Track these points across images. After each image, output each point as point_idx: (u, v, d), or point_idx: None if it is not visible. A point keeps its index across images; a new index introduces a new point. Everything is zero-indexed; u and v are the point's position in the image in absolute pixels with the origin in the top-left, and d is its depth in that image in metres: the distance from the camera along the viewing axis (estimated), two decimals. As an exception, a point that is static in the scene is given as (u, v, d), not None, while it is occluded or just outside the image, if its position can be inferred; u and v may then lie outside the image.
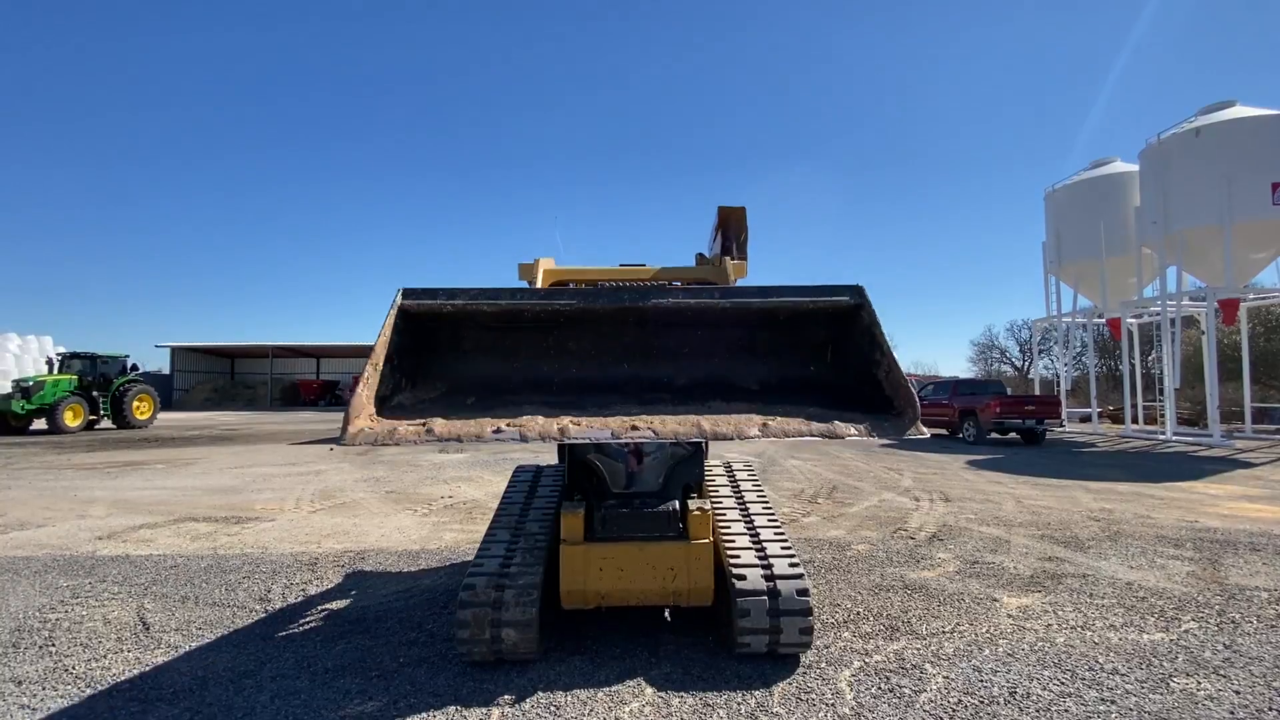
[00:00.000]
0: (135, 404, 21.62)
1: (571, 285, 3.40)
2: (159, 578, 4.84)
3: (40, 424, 19.76)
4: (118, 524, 6.76)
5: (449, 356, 2.67)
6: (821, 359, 2.60)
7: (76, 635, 3.73)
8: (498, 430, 2.07)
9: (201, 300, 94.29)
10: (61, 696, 2.98)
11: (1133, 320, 20.28)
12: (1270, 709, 2.80)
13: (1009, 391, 18.71)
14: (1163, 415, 18.11)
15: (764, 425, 2.09)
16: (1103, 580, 4.67)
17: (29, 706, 2.88)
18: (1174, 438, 16.82)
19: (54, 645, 3.58)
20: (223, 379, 47.00)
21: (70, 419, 19.73)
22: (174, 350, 43.32)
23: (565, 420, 2.08)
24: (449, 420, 2.15)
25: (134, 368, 22.79)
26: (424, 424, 2.12)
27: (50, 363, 21.57)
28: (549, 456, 6.33)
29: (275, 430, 21.03)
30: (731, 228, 3.26)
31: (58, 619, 3.99)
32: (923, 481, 9.60)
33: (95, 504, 7.92)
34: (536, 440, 2.03)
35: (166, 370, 42.37)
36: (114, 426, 21.27)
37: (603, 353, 2.68)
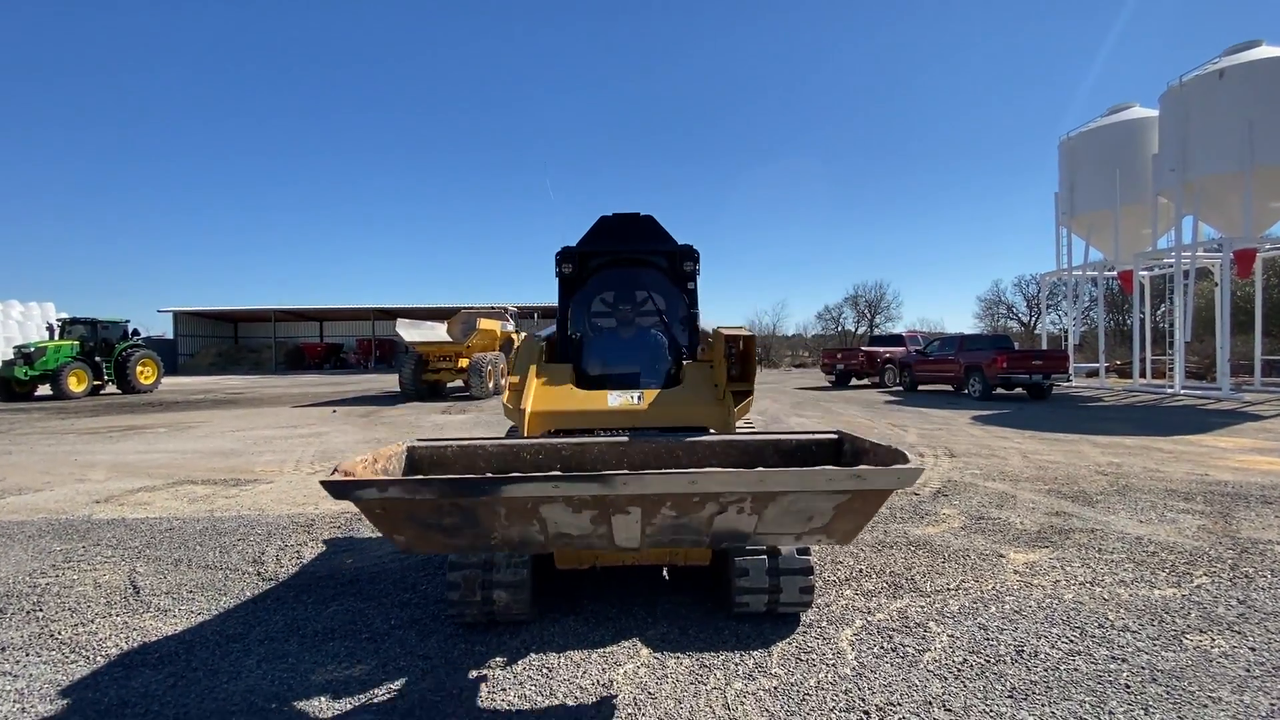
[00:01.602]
0: (139, 369, 21.60)
1: (559, 432, 3.29)
2: (153, 541, 4.79)
3: (45, 390, 19.80)
4: (116, 487, 6.73)
5: None
6: None
7: (65, 600, 3.68)
8: (489, 475, 2.03)
9: (203, 265, 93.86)
10: (45, 663, 2.93)
11: (1144, 273, 19.84)
12: (1289, 666, 2.70)
13: (1015, 346, 18.45)
14: (1171, 369, 17.89)
15: (760, 480, 1.91)
16: (1111, 535, 4.57)
17: (10, 673, 2.83)
18: (1182, 391, 16.63)
19: (41, 610, 3.53)
20: (227, 343, 46.99)
21: (74, 384, 19.73)
22: (176, 315, 43.19)
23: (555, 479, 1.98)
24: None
25: (135, 332, 22.68)
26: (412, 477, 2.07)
27: (51, 328, 21.46)
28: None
29: (279, 394, 21.04)
30: (736, 354, 3.11)
31: (48, 584, 3.94)
32: (928, 437, 9.49)
33: (95, 468, 7.90)
34: (530, 490, 1.92)
35: (170, 335, 42.36)
36: (118, 392, 21.31)
37: None
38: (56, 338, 20.87)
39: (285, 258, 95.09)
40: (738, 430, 3.24)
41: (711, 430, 3.10)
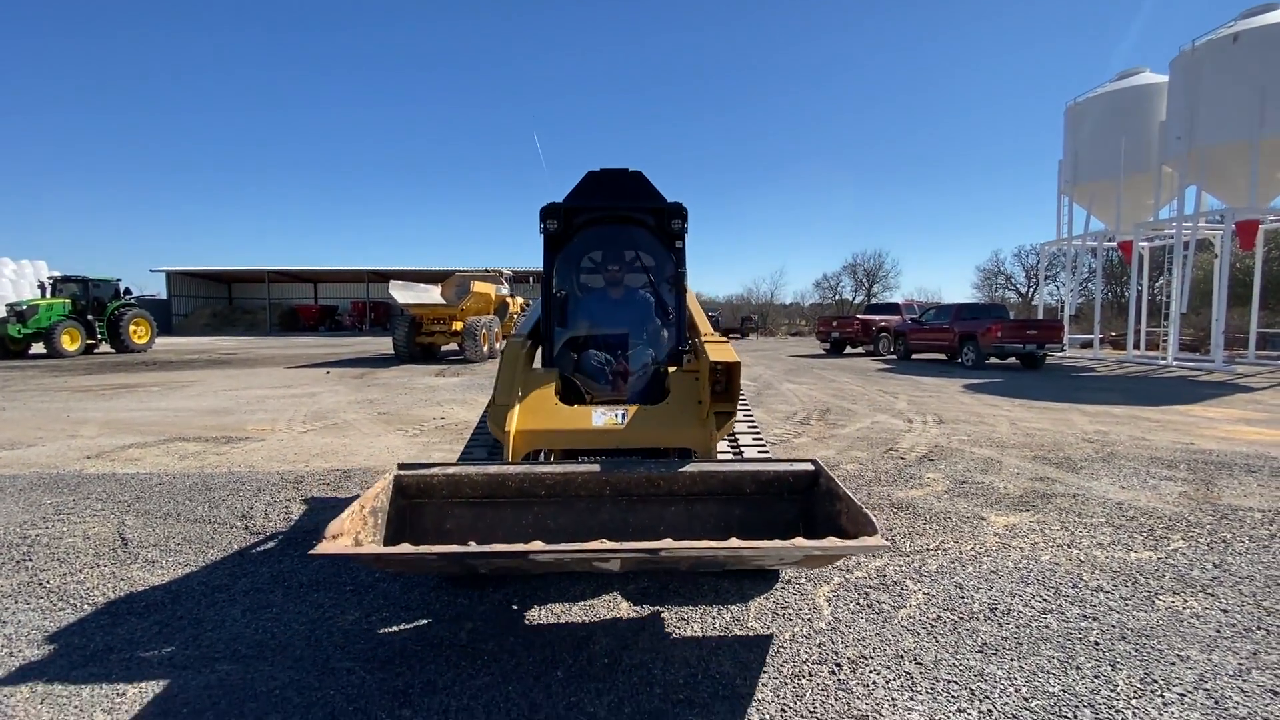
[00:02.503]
0: (132, 328, 21.48)
1: (544, 453, 3.31)
2: (142, 495, 4.81)
3: (39, 348, 19.71)
4: (107, 444, 6.74)
5: (431, 538, 2.78)
6: (794, 533, 2.66)
7: (54, 551, 3.71)
8: (467, 544, 2.05)
9: (194, 225, 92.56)
10: (33, 610, 2.96)
11: (1144, 244, 19.70)
12: (1258, 628, 2.75)
13: (1011, 316, 18.43)
14: (1165, 340, 17.91)
15: (729, 544, 2.06)
16: (1093, 500, 4.62)
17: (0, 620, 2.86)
18: (1174, 363, 16.69)
19: (30, 560, 3.56)
20: (221, 304, 46.72)
21: (68, 343, 19.63)
22: (170, 275, 42.80)
23: (537, 543, 2.04)
24: (419, 548, 2.09)
25: (127, 291, 22.46)
26: (395, 548, 2.10)
27: (43, 286, 21.24)
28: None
29: (273, 355, 20.99)
30: (722, 377, 3.06)
31: (37, 535, 3.97)
32: (917, 404, 9.53)
33: (87, 424, 7.90)
34: (504, 556, 2.02)
35: (163, 295, 42.04)
36: (112, 351, 21.23)
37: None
38: (49, 296, 20.68)
39: (278, 218, 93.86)
40: (718, 455, 3.25)
41: (694, 452, 3.10)
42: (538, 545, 1.98)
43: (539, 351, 3.77)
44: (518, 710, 2.18)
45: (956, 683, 2.33)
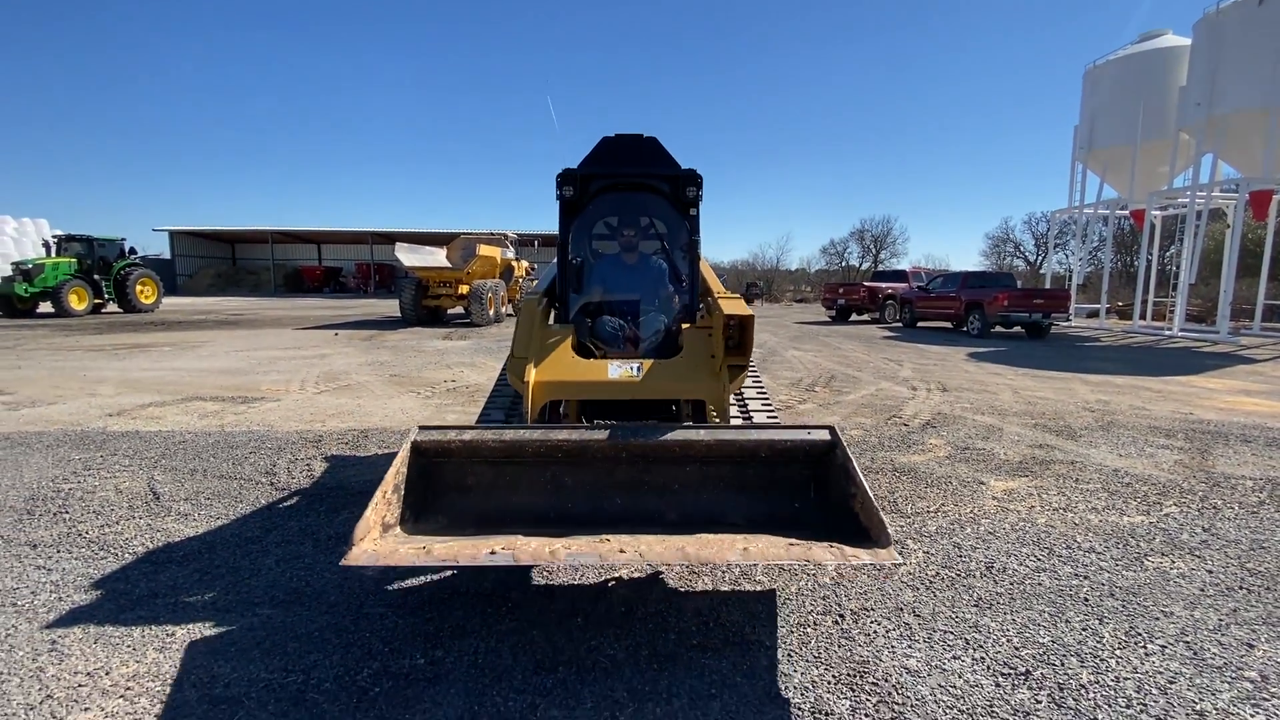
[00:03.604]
0: (138, 288, 21.55)
1: (562, 404, 3.40)
2: (168, 452, 4.97)
3: (46, 307, 19.84)
4: (126, 402, 6.90)
5: (453, 494, 2.85)
6: (805, 495, 2.79)
7: (89, 504, 3.87)
8: (492, 552, 2.16)
9: (196, 183, 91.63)
10: (76, 559, 3.12)
11: (1157, 212, 19.48)
12: (1240, 587, 2.89)
13: (1019, 285, 18.37)
14: (1172, 311, 17.87)
15: (744, 550, 2.21)
16: (1090, 467, 4.75)
17: (44, 567, 3.03)
18: (1180, 334, 16.69)
19: (67, 512, 3.72)
20: (224, 264, 46.57)
21: (75, 302, 19.74)
22: (172, 234, 42.58)
23: (558, 544, 2.19)
24: (447, 542, 2.28)
25: (132, 251, 22.45)
26: (424, 547, 2.24)
27: (47, 245, 21.24)
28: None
29: (280, 316, 21.10)
30: (736, 330, 3.10)
31: (70, 489, 4.13)
32: (922, 372, 9.63)
33: (104, 383, 8.06)
34: (529, 563, 2.16)
35: (166, 255, 41.91)
36: (119, 311, 21.35)
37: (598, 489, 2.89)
38: (54, 254, 20.69)
39: (281, 177, 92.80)
40: (731, 420, 3.33)
41: (710, 408, 3.19)
42: (560, 546, 2.16)
43: (554, 311, 3.87)
44: (542, 652, 2.34)
45: (952, 633, 2.48)
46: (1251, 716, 2.04)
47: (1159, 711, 2.05)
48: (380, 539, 2.34)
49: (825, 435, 2.74)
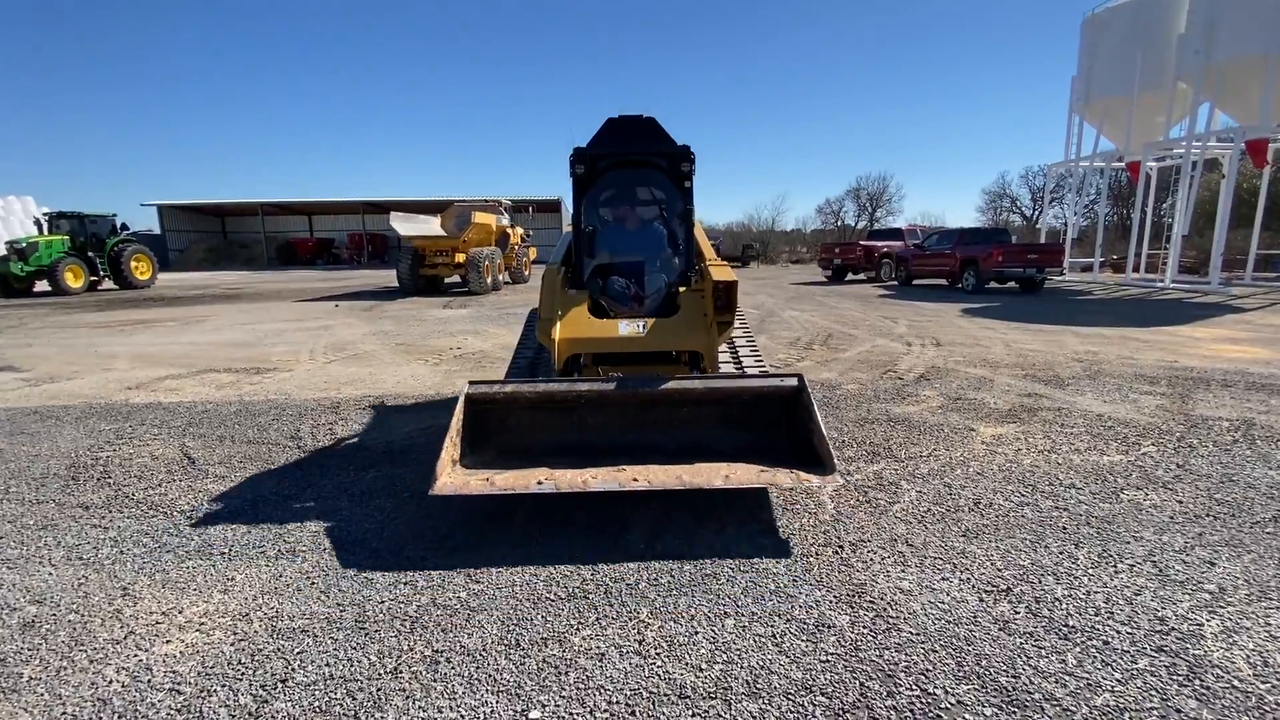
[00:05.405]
0: (133, 264, 21.48)
1: (582, 356, 3.93)
2: (194, 420, 5.18)
3: (43, 286, 19.80)
4: (143, 376, 7.08)
5: (499, 434, 3.57)
6: (778, 429, 3.51)
7: (129, 469, 4.09)
8: (539, 482, 2.91)
9: (182, 156, 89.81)
10: (128, 518, 3.35)
11: (1153, 163, 19.46)
12: (1208, 515, 3.15)
13: (1014, 240, 18.44)
14: (1165, 263, 18.02)
15: (726, 476, 2.97)
16: (1075, 413, 4.99)
17: (101, 526, 3.25)
18: (1172, 285, 16.90)
19: (110, 478, 3.94)
20: (215, 239, 46.14)
21: (72, 280, 19.70)
22: (161, 209, 42.08)
23: (586, 474, 2.99)
24: (504, 474, 3.03)
25: (124, 227, 22.28)
26: (487, 478, 2.99)
27: (39, 223, 21.07)
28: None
29: (278, 289, 21.12)
30: (722, 294, 3.72)
31: (108, 456, 4.35)
32: (916, 328, 9.83)
33: (117, 359, 8.22)
34: (568, 489, 2.88)
35: (156, 230, 41.49)
36: (116, 287, 21.32)
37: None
38: (46, 232, 20.55)
39: (268, 148, 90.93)
40: (719, 369, 4.01)
41: (702, 359, 3.84)
42: (589, 476, 2.98)
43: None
44: (572, 583, 2.59)
45: (941, 559, 2.74)
46: (1207, 621, 2.30)
47: (1124, 618, 2.31)
48: (453, 472, 3.03)
49: (794, 382, 3.39)
